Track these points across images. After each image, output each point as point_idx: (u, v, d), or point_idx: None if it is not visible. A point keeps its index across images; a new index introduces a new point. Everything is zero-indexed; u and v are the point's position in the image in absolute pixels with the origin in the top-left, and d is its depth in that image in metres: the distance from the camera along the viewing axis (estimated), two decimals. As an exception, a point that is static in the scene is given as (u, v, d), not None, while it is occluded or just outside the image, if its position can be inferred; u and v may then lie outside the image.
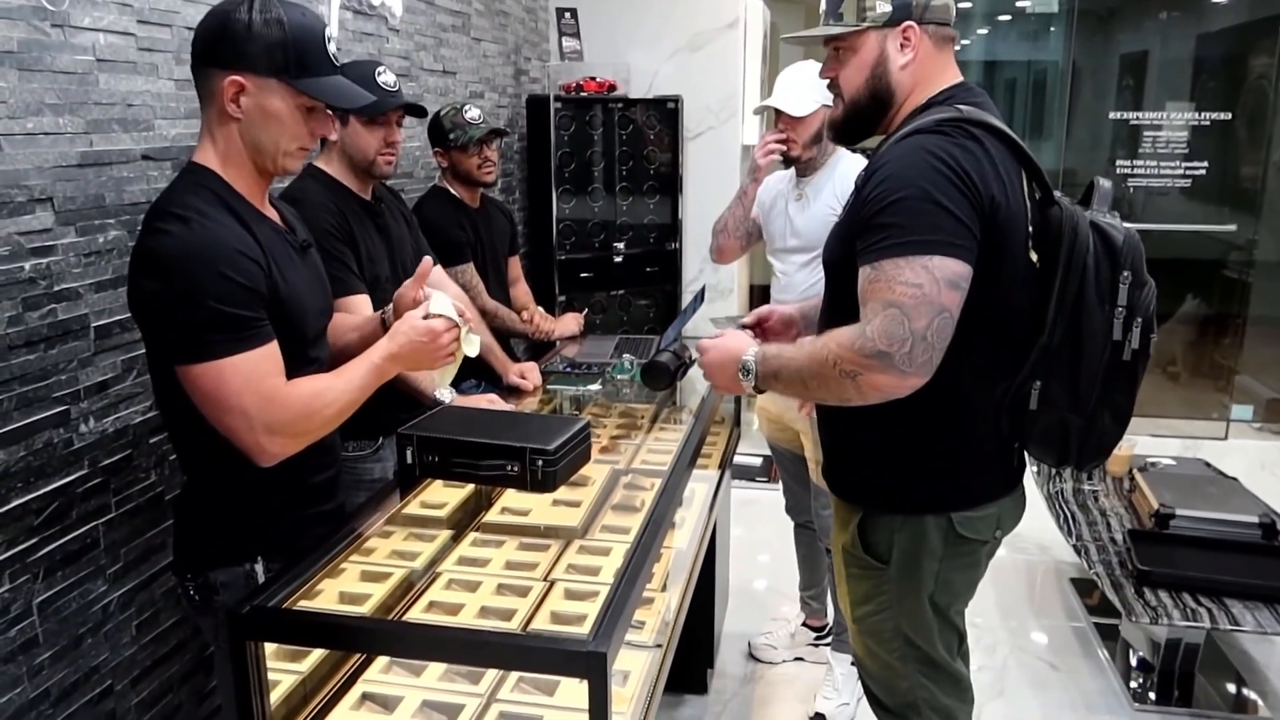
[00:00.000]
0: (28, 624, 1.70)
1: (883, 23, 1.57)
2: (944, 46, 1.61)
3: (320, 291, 1.66)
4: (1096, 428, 1.57)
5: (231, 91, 1.44)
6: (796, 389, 1.58)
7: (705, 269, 4.71)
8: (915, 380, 1.42)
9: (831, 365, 1.45)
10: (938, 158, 1.44)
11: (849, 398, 1.47)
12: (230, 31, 1.43)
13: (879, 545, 1.67)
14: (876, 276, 1.43)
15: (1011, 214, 1.48)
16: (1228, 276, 5.22)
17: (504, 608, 1.54)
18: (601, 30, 4.47)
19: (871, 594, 1.71)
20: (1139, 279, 1.51)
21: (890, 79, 1.59)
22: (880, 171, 1.49)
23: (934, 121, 1.49)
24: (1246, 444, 4.96)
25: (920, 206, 1.42)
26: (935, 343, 1.40)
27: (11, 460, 1.66)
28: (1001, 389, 1.57)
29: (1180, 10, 5.18)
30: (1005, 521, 1.70)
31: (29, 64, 1.66)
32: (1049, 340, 1.51)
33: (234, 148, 1.49)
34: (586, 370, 2.74)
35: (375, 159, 2.14)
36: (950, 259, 1.41)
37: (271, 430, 1.42)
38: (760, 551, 3.80)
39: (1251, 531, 2.76)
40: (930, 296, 1.39)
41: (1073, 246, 1.49)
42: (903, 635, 1.70)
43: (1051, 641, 3.15)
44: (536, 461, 1.63)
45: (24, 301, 1.67)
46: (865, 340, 1.41)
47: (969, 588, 1.73)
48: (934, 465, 1.62)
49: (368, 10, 2.84)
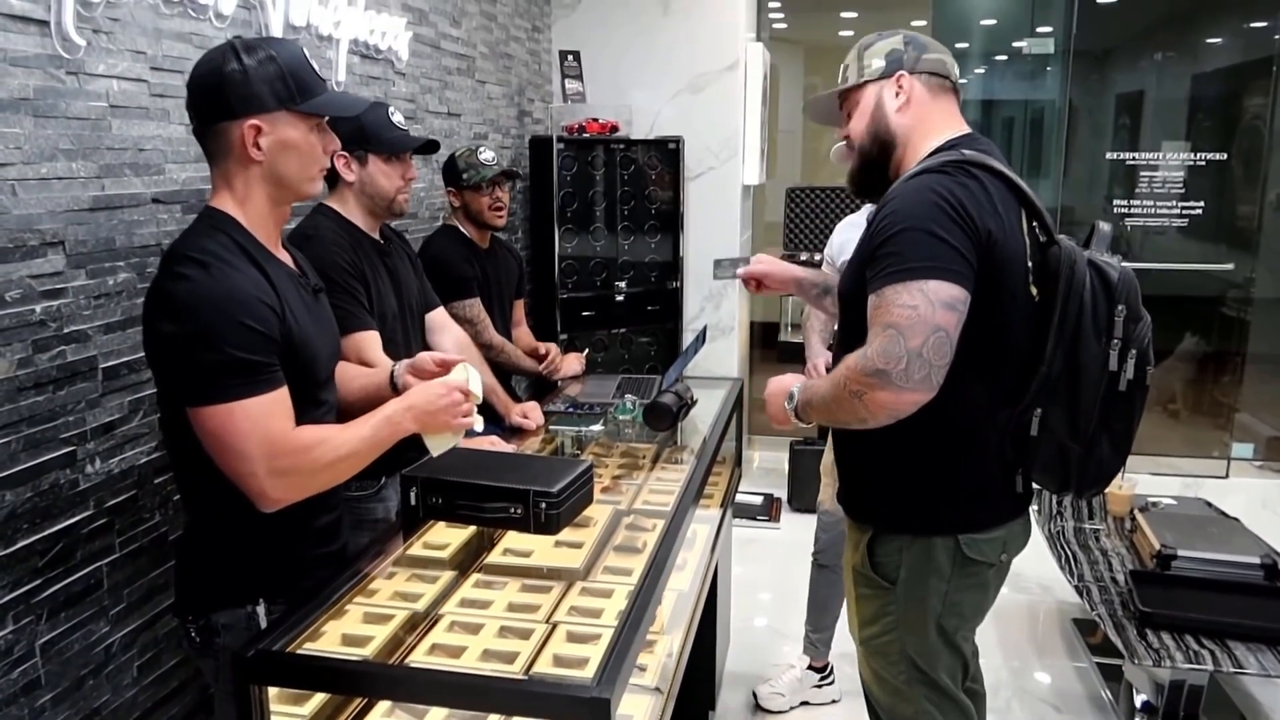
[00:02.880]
0: (30, 665, 1.70)
1: (878, 75, 1.75)
2: (940, 96, 1.74)
3: (330, 335, 1.68)
4: (1095, 455, 1.65)
5: (252, 136, 1.47)
6: (824, 414, 1.70)
7: (706, 308, 4.74)
8: (915, 396, 1.51)
9: (843, 387, 1.58)
10: (937, 194, 1.55)
11: (863, 418, 1.58)
12: (230, 82, 1.45)
13: (887, 565, 1.74)
14: (879, 302, 1.55)
15: (1009, 248, 1.58)
16: (1226, 314, 5.25)
17: (506, 650, 1.54)
18: (604, 72, 4.54)
19: (879, 614, 1.77)
20: (1134, 313, 1.61)
21: (888, 122, 1.74)
22: (887, 207, 1.61)
23: (938, 163, 1.61)
24: (1248, 482, 4.96)
25: (918, 237, 1.53)
26: (932, 359, 1.50)
27: (18, 501, 1.67)
28: (1004, 415, 1.66)
29: (1175, 51, 5.25)
30: (1012, 545, 1.76)
31: (44, 110, 1.70)
32: (1048, 370, 1.61)
33: (255, 191, 1.52)
34: (589, 410, 2.75)
35: (395, 197, 2.18)
36: (945, 282, 1.51)
37: (275, 475, 1.43)
38: (761, 590, 3.79)
39: (1254, 573, 2.75)
40: (925, 317, 1.49)
41: (1070, 281, 1.59)
42: (908, 658, 1.75)
43: (1054, 682, 3.13)
44: (540, 504, 1.64)
45: (34, 343, 1.69)
46: (866, 360, 1.53)
47: (977, 612, 1.79)
48: (942, 488, 1.70)
49: (374, 55, 2.89)
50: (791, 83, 7.79)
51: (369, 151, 2.12)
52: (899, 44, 1.74)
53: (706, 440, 2.49)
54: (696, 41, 4.53)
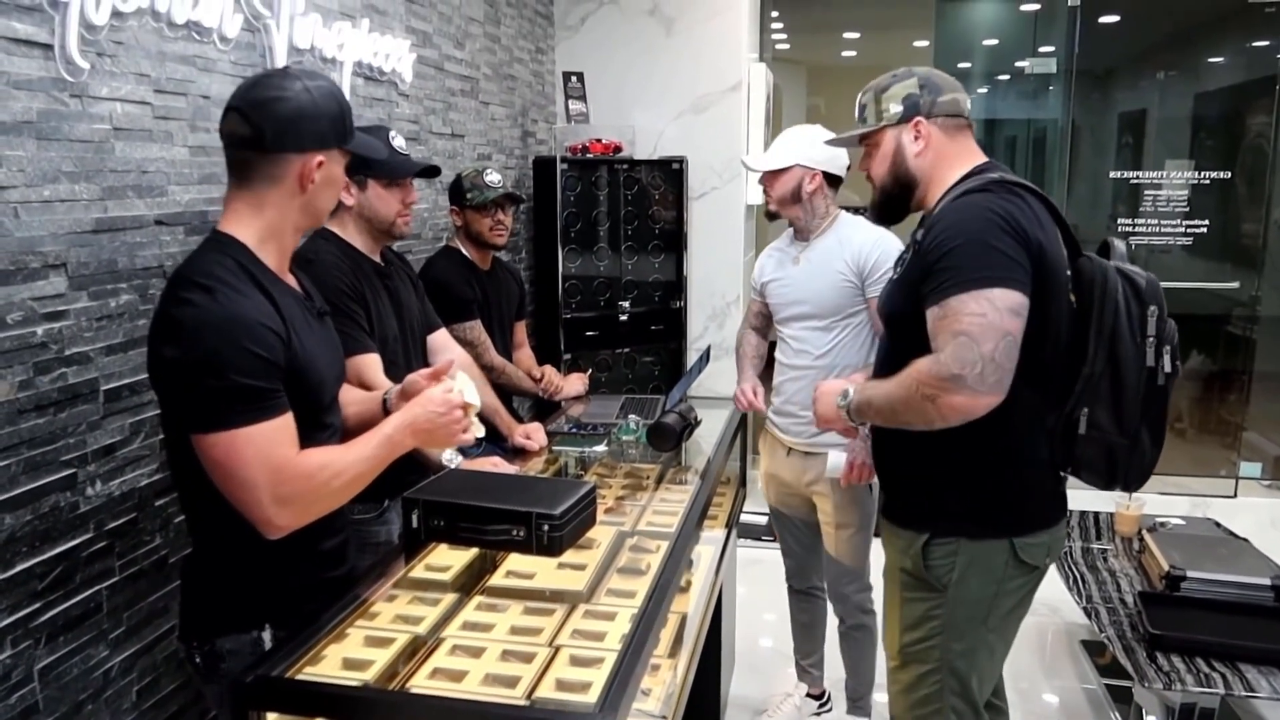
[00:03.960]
0: (28, 690, 1.69)
1: (896, 120, 1.85)
2: (957, 134, 1.85)
3: (335, 359, 1.67)
4: (1139, 448, 1.75)
5: (312, 172, 1.49)
6: (885, 414, 1.79)
7: (710, 327, 4.73)
8: (989, 399, 1.61)
9: (914, 390, 1.66)
10: (989, 209, 1.67)
11: (932, 420, 1.66)
12: (305, 117, 1.47)
13: (941, 568, 1.81)
14: (944, 313, 1.64)
15: (1054, 259, 1.70)
16: (1232, 333, 5.22)
17: (509, 674, 1.52)
18: (607, 93, 4.56)
19: (924, 618, 1.83)
20: (1162, 313, 1.72)
21: (908, 166, 1.86)
22: (938, 226, 1.72)
23: (982, 183, 1.73)
24: (1256, 502, 4.92)
25: (976, 249, 1.64)
26: (1003, 363, 1.60)
27: (18, 524, 1.66)
28: (1053, 418, 1.76)
29: (1177, 70, 5.26)
30: (1055, 549, 1.86)
31: (47, 133, 1.70)
32: (1091, 370, 1.71)
33: (287, 220, 1.53)
34: (592, 431, 2.74)
35: (395, 220, 2.19)
36: (1008, 290, 1.61)
37: (280, 502, 1.42)
38: (766, 611, 3.76)
39: (1264, 594, 2.72)
40: (994, 323, 1.59)
41: (1105, 288, 1.71)
42: (949, 665, 1.81)
43: (1064, 703, 3.10)
44: (542, 526, 1.63)
45: (35, 366, 1.69)
46: (940, 365, 1.61)
47: (1018, 620, 1.87)
48: (996, 491, 1.78)
49: (378, 76, 2.90)
50: (794, 103, 7.81)
51: (368, 176, 2.12)
52: (915, 89, 1.84)
53: (710, 460, 2.48)
54: (699, 62, 4.55)
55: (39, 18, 1.67)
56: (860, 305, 2.52)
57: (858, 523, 2.62)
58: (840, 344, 2.55)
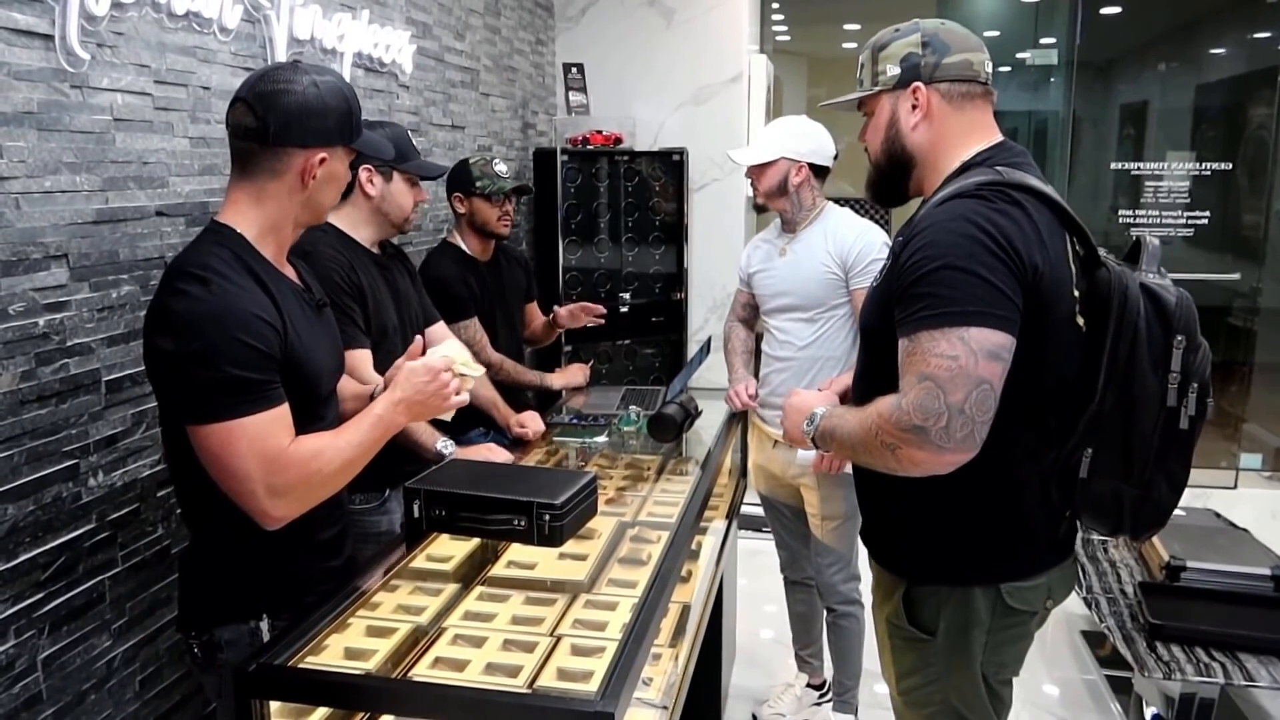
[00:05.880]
0: (31, 680, 1.69)
1: (892, 85, 1.58)
2: (966, 105, 1.56)
3: (334, 350, 1.67)
4: (1151, 496, 1.50)
5: (314, 167, 1.49)
6: (846, 452, 1.59)
7: (710, 319, 4.73)
8: (955, 456, 1.38)
9: (874, 435, 1.44)
10: (977, 225, 1.39)
11: (893, 468, 1.45)
12: (311, 113, 1.47)
13: (925, 617, 1.60)
14: (913, 349, 1.40)
15: (1056, 281, 1.43)
16: (1233, 324, 5.22)
17: (510, 664, 1.53)
18: (608, 85, 4.55)
19: (918, 666, 1.65)
20: (1192, 343, 1.44)
21: (903, 140, 1.59)
22: (918, 239, 1.44)
23: (974, 185, 1.45)
24: (1256, 493, 4.92)
25: (957, 276, 1.37)
26: (975, 416, 1.35)
27: (20, 515, 1.66)
28: (1050, 457, 1.52)
29: (1179, 61, 5.25)
30: (1056, 592, 1.64)
31: (48, 124, 1.70)
32: (1099, 407, 1.45)
33: (287, 214, 1.52)
34: (593, 422, 2.74)
35: (410, 215, 2.25)
36: (989, 329, 1.36)
37: (274, 493, 1.42)
38: (767, 602, 3.76)
39: (1263, 584, 2.73)
40: (967, 369, 1.34)
41: (1123, 310, 1.43)
42: (951, 708, 1.64)
43: (1063, 694, 3.10)
44: (544, 516, 1.63)
45: (37, 357, 1.69)
46: (901, 414, 1.38)
47: (1017, 660, 1.67)
48: (981, 536, 1.56)
49: (379, 68, 2.90)
50: (795, 94, 7.78)
51: (394, 168, 2.14)
52: (916, 47, 1.56)
53: (711, 451, 2.48)
54: (700, 54, 4.54)
55: (39, 8, 1.67)
56: (844, 298, 2.52)
57: (844, 513, 2.62)
58: (823, 336, 2.55)
